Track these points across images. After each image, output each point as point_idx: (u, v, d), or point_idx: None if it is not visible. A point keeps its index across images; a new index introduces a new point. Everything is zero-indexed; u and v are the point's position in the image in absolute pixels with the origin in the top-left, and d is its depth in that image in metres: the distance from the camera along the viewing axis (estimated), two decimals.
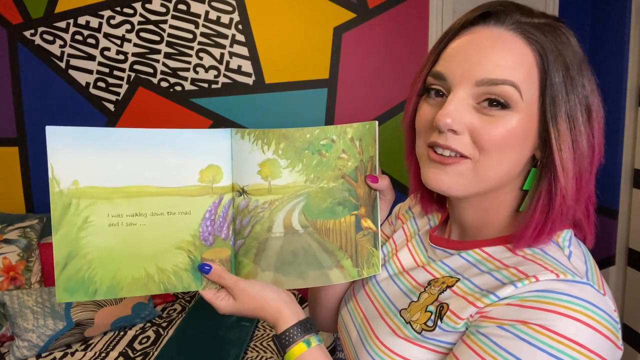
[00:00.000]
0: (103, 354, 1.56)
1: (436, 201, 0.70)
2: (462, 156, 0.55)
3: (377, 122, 0.65)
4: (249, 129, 0.65)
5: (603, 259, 1.81)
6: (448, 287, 0.58)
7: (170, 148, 0.63)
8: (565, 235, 0.57)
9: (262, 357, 1.57)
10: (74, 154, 0.59)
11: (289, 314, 0.61)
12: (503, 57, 0.52)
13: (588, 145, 0.54)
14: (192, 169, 0.64)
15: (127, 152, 0.61)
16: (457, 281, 0.58)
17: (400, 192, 0.89)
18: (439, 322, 0.55)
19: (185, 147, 0.64)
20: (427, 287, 0.61)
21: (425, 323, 0.57)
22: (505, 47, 0.53)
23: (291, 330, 0.60)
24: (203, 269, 0.63)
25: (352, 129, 0.64)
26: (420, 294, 0.61)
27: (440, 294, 0.58)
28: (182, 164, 0.63)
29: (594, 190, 0.58)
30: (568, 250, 0.55)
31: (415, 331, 0.57)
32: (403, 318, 0.60)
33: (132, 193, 0.62)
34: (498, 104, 0.53)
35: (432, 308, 0.57)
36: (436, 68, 0.57)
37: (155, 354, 1.56)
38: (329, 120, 2.06)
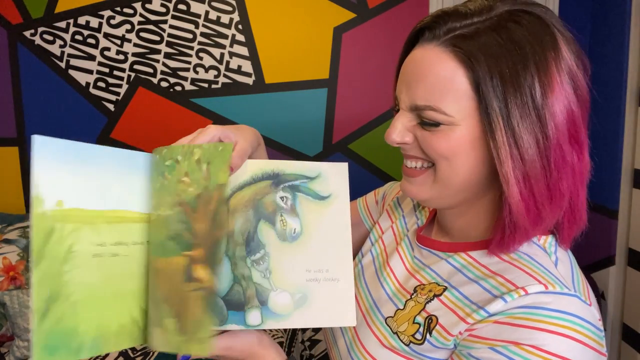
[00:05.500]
0: (103, 354, 1.56)
1: None
2: (425, 168, 0.58)
3: (232, 145, 0.57)
4: None
5: (603, 259, 1.81)
6: (436, 295, 0.57)
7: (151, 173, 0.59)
8: (551, 241, 0.57)
9: None
10: (61, 169, 0.51)
11: (273, 357, 0.59)
12: (429, 81, 0.53)
13: (539, 151, 0.50)
14: None
15: (113, 172, 0.55)
16: (444, 290, 0.57)
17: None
18: (427, 335, 0.55)
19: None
20: (413, 294, 0.61)
21: (413, 335, 0.56)
22: (431, 69, 0.53)
23: None
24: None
25: (201, 150, 0.55)
26: (406, 302, 0.61)
27: (427, 303, 0.58)
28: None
29: (573, 194, 0.54)
30: (555, 257, 0.55)
31: (403, 343, 0.57)
32: (389, 327, 0.60)
33: (114, 218, 0.55)
34: (428, 123, 0.55)
35: (420, 319, 0.57)
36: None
37: (156, 354, 1.56)
38: (329, 120, 2.06)
